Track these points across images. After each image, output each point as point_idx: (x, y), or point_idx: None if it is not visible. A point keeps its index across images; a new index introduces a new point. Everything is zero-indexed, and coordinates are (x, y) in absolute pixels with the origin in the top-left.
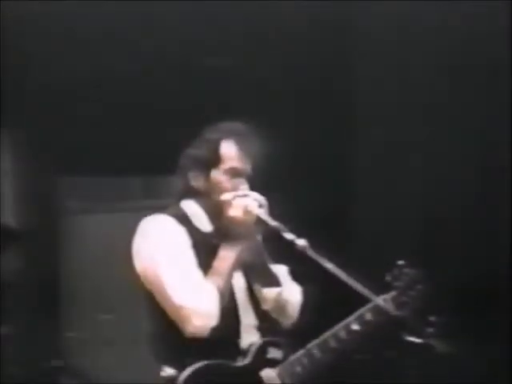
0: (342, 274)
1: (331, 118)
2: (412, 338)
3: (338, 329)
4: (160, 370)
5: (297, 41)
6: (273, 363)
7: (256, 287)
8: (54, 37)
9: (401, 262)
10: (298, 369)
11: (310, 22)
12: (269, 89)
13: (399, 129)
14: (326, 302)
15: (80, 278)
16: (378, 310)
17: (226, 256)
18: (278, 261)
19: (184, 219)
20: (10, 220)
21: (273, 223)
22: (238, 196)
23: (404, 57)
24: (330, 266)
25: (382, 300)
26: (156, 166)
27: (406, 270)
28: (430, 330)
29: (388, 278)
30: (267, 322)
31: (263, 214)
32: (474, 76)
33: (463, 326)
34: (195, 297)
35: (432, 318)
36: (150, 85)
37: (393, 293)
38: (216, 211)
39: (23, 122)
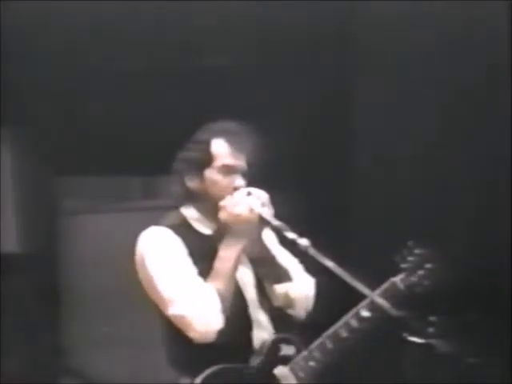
0: (343, 273)
1: (331, 117)
2: (413, 338)
3: (349, 317)
4: (176, 378)
5: (297, 40)
6: (285, 360)
7: (266, 284)
8: (54, 37)
9: (410, 243)
10: (311, 363)
11: (310, 22)
12: (269, 89)
13: (399, 128)
14: (327, 300)
15: (80, 278)
16: (388, 295)
17: (226, 256)
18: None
19: (182, 227)
20: (10, 220)
21: (275, 222)
22: (241, 194)
23: (404, 56)
24: (331, 265)
25: (390, 285)
26: (156, 166)
27: (415, 250)
28: (431, 329)
29: (397, 259)
30: (280, 318)
31: (266, 212)
32: (474, 76)
33: (463, 326)
34: (194, 304)
35: (432, 318)
36: (149, 84)
37: (402, 275)
38: (213, 212)
39: (23, 121)
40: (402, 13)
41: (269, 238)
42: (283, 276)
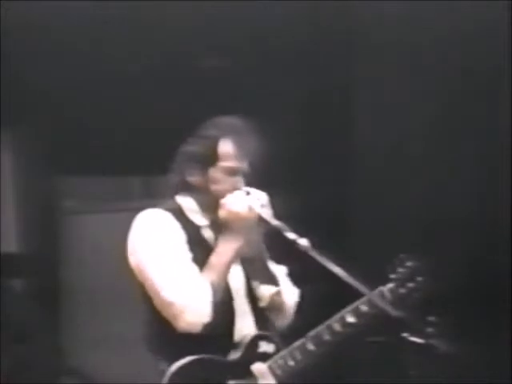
0: (342, 273)
1: (331, 117)
2: (413, 338)
3: (333, 321)
4: (155, 364)
5: (297, 40)
6: (264, 357)
7: (254, 284)
8: (54, 37)
9: (402, 255)
10: (291, 362)
11: (310, 22)
12: (269, 89)
13: (399, 128)
14: (326, 300)
15: (80, 278)
16: (374, 303)
17: (224, 251)
18: (279, 261)
19: (179, 213)
20: (10, 220)
21: (274, 222)
22: (241, 193)
23: (404, 56)
24: (331, 265)
25: (379, 293)
26: (156, 166)
27: (406, 263)
28: (431, 329)
29: (388, 270)
30: (264, 318)
31: (265, 213)
32: (474, 76)
33: (463, 326)
34: (187, 293)
35: (432, 318)
36: (150, 85)
37: (391, 285)
38: (212, 207)
39: (23, 121)
40: (401, 13)
41: None
42: (271, 279)
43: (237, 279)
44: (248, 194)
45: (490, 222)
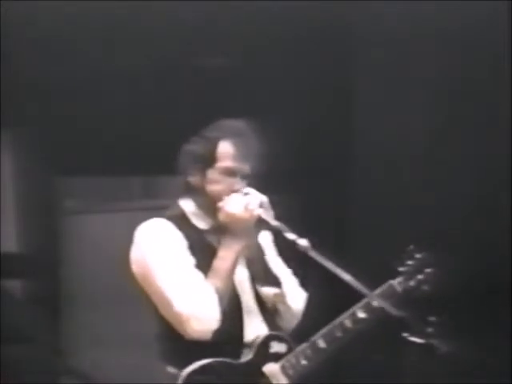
0: (342, 274)
1: (331, 117)
2: (413, 338)
3: (344, 318)
4: (164, 368)
5: (297, 40)
6: (276, 357)
7: (257, 286)
8: (54, 37)
9: (411, 247)
10: (303, 361)
11: (309, 22)
12: (269, 89)
13: (399, 128)
14: (327, 301)
15: (80, 278)
16: (385, 297)
17: (226, 255)
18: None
19: (182, 219)
20: (10, 220)
21: (274, 223)
22: (238, 195)
23: (404, 56)
24: (331, 265)
25: (389, 287)
26: (156, 166)
27: (415, 255)
28: (431, 329)
29: (396, 262)
30: (272, 317)
31: (264, 213)
32: (474, 76)
33: (463, 326)
34: (193, 301)
35: (432, 318)
36: (149, 85)
37: (400, 278)
38: (211, 209)
39: (23, 121)
40: (401, 13)
41: (267, 245)
42: (273, 281)
43: (243, 281)
44: (246, 194)
45: (490, 222)
